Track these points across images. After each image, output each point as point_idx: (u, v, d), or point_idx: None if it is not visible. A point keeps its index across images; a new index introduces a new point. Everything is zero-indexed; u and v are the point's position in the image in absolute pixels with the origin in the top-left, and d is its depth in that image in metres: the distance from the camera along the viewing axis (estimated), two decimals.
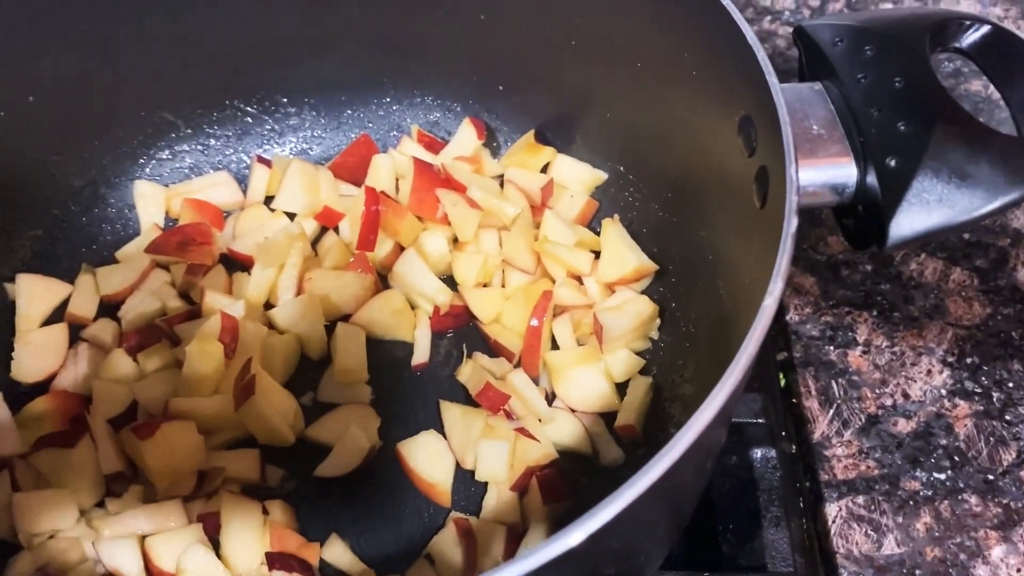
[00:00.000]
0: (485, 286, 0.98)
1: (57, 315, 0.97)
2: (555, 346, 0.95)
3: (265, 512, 0.83)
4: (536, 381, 0.92)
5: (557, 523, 0.83)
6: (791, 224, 0.57)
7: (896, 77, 0.65)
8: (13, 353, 0.92)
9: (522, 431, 0.86)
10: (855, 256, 1.05)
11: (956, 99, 0.64)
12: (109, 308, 0.98)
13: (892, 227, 0.60)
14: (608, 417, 0.90)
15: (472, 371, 0.92)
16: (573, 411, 0.90)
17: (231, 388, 0.87)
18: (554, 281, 0.97)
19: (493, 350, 0.95)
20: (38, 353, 0.92)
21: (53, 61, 0.92)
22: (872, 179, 0.63)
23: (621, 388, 0.91)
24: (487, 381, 0.88)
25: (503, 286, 0.98)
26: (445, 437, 0.89)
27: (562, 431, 0.88)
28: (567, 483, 0.85)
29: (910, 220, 0.60)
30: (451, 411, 0.90)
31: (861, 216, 0.65)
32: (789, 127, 0.60)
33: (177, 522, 0.81)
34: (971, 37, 0.71)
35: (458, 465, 0.88)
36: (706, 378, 0.84)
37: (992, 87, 1.01)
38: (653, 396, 0.90)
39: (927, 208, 0.60)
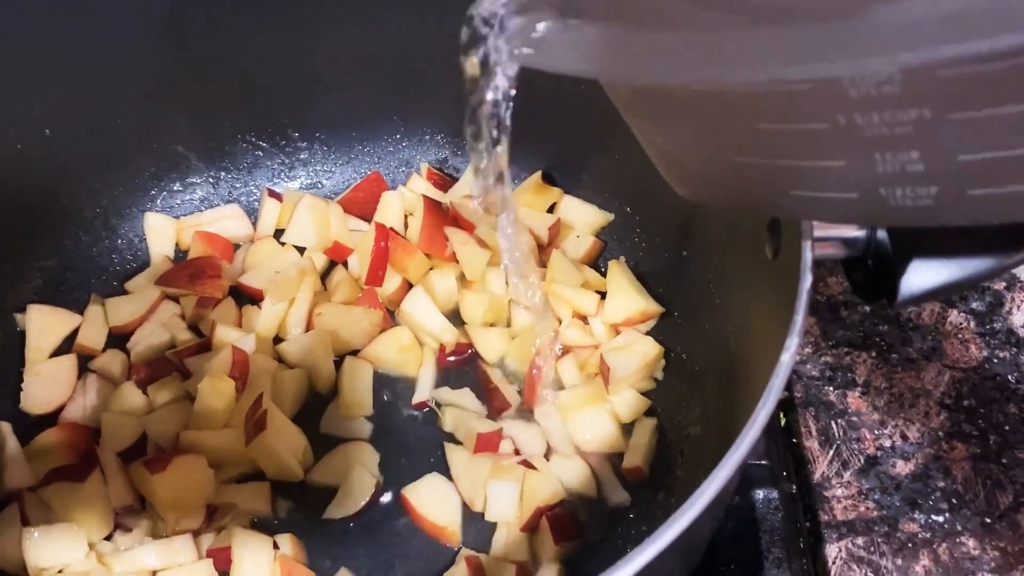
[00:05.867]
0: (492, 325, 0.99)
1: (66, 346, 0.97)
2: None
3: (275, 546, 0.83)
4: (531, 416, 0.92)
5: (566, 562, 0.84)
6: (806, 280, 0.59)
7: None
8: (23, 384, 0.92)
9: (526, 464, 0.87)
10: (854, 297, 1.07)
11: None
12: (118, 339, 0.98)
13: (903, 283, 0.61)
14: (614, 458, 0.90)
15: (455, 420, 0.92)
16: (579, 451, 0.91)
17: (242, 422, 0.87)
18: (560, 321, 0.97)
19: (486, 395, 0.95)
20: (47, 384, 0.93)
21: (68, 94, 0.93)
22: (882, 234, 0.65)
23: (627, 429, 0.92)
24: (477, 433, 0.88)
25: (509, 325, 0.99)
26: (450, 478, 0.89)
27: (568, 472, 0.88)
28: (576, 522, 0.86)
29: (920, 277, 0.61)
30: (457, 455, 0.90)
31: (870, 270, 0.67)
32: None
33: (187, 557, 0.81)
34: None
35: (466, 504, 0.88)
36: (713, 420, 0.84)
37: None
38: (659, 437, 0.91)
39: (938, 265, 0.61)
